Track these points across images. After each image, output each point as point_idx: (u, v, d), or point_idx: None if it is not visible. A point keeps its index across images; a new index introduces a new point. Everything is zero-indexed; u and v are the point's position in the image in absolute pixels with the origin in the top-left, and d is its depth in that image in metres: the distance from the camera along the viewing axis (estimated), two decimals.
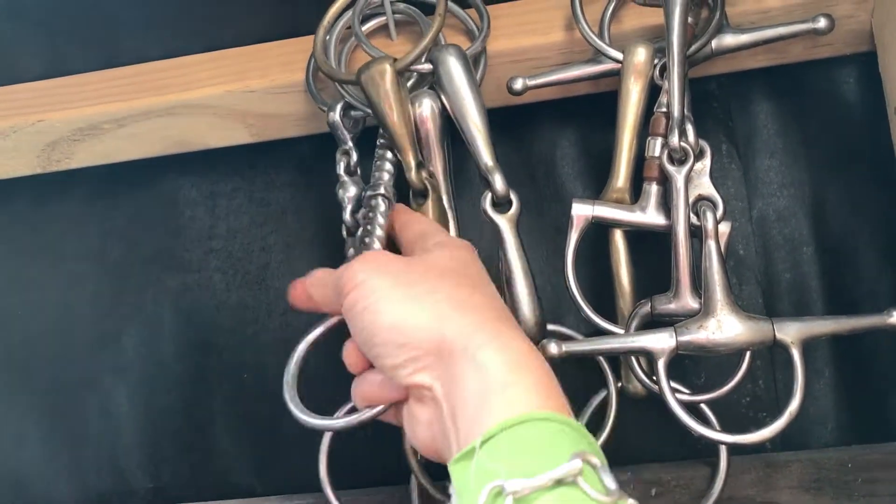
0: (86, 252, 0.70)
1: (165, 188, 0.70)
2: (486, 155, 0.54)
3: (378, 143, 0.56)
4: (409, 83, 0.57)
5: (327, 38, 0.59)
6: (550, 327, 0.58)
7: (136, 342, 0.69)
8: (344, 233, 0.56)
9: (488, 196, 0.54)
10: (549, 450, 0.35)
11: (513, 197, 0.54)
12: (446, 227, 0.55)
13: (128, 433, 0.69)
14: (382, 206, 0.53)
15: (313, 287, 0.49)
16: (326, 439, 0.59)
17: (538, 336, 0.52)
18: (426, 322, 0.41)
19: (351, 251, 0.55)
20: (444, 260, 0.46)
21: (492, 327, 0.41)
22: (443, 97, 0.55)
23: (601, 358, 0.59)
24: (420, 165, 0.55)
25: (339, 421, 0.50)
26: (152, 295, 0.69)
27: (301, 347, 0.51)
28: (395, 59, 0.54)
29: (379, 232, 0.52)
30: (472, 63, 0.56)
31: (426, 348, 0.41)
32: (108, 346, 0.69)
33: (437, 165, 0.56)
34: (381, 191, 0.53)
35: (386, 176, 0.54)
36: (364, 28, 0.60)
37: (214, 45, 0.64)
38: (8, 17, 0.68)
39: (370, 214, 0.53)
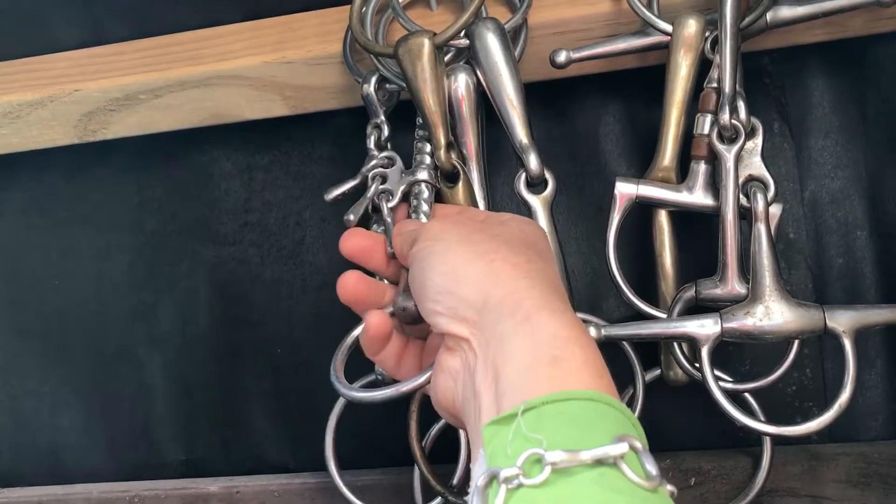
0: (121, 223, 0.70)
1: (201, 160, 0.69)
2: (521, 133, 0.52)
3: (417, 122, 0.55)
4: (446, 57, 0.55)
5: (364, 8, 0.58)
6: (579, 315, 0.56)
7: (170, 314, 0.69)
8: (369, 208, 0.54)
9: (522, 176, 0.52)
10: (592, 429, 0.35)
11: (548, 177, 0.52)
12: None
13: (162, 405, 0.69)
14: (426, 193, 0.52)
15: (399, 237, 0.50)
16: (334, 418, 0.58)
17: None
18: (476, 276, 0.42)
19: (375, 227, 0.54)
20: (514, 230, 0.46)
21: (542, 296, 0.41)
22: (478, 72, 0.53)
23: (628, 347, 0.56)
24: (450, 146, 0.53)
25: (378, 393, 0.49)
26: (187, 267, 0.69)
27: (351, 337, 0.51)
28: (435, 34, 0.53)
29: (424, 219, 0.52)
30: (511, 37, 0.54)
31: (470, 301, 0.41)
32: (143, 318, 0.70)
33: (471, 142, 0.54)
34: (425, 176, 0.52)
35: (427, 159, 0.53)
36: None
37: (252, 14, 0.63)
38: None
39: (414, 202, 0.53)
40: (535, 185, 0.53)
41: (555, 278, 0.44)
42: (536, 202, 0.52)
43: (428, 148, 0.53)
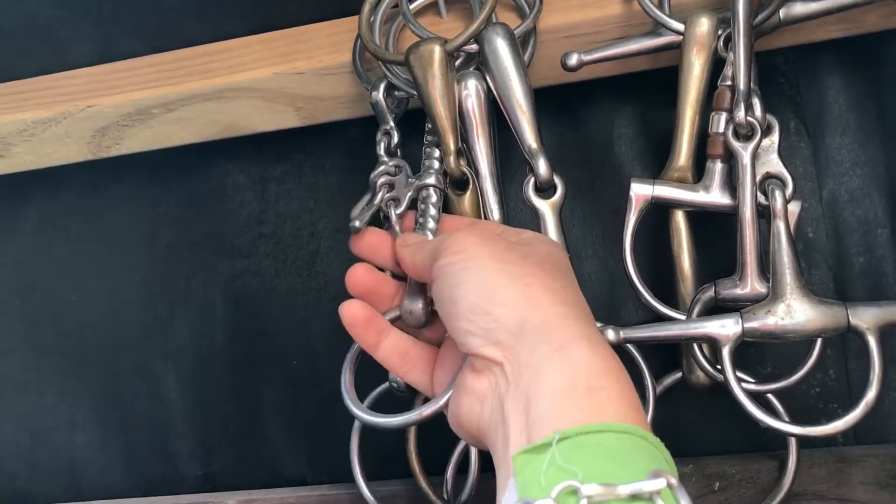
0: (136, 238, 0.70)
1: (215, 173, 0.69)
2: (530, 138, 0.52)
3: (427, 127, 0.55)
4: (456, 63, 0.55)
5: (373, 17, 0.58)
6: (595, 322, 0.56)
7: (186, 328, 0.69)
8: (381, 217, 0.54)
9: (531, 181, 0.52)
10: (627, 463, 0.35)
11: (557, 182, 0.52)
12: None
13: (178, 419, 0.69)
14: (434, 198, 0.52)
15: (406, 248, 0.48)
16: (357, 430, 0.58)
17: None
18: (515, 299, 0.41)
19: None
20: (542, 252, 0.45)
21: (580, 325, 0.40)
22: (488, 77, 0.53)
23: (634, 351, 0.55)
24: (460, 153, 0.53)
25: (398, 418, 0.49)
26: (202, 281, 0.69)
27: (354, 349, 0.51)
28: (446, 40, 0.53)
29: (432, 224, 0.51)
30: (521, 42, 0.54)
31: (507, 324, 0.40)
32: (159, 332, 0.69)
33: (483, 148, 0.54)
34: (433, 181, 0.52)
35: (436, 164, 0.53)
36: (412, 6, 0.59)
37: (262, 27, 0.63)
38: (57, 4, 0.68)
39: (422, 206, 0.52)
40: (544, 190, 0.52)
41: (586, 305, 0.43)
42: (545, 207, 0.52)
43: (437, 153, 0.53)
